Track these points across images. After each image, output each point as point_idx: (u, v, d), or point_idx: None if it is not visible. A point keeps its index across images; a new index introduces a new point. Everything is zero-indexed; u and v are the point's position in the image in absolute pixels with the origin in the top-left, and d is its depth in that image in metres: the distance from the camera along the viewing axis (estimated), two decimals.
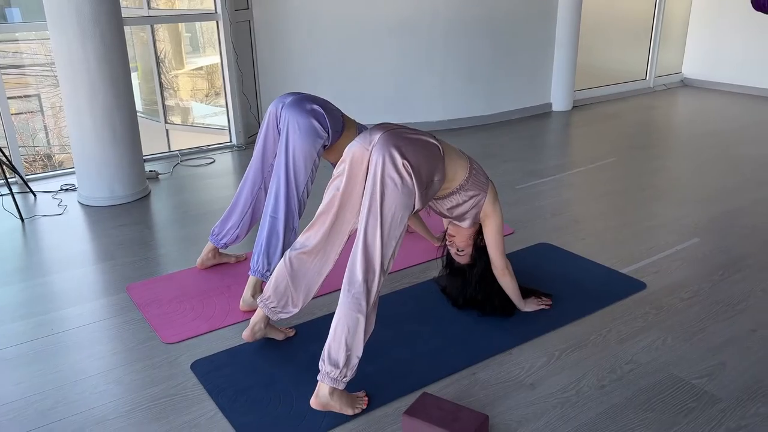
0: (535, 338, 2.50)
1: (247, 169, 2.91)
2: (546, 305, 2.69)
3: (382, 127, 2.16)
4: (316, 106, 2.67)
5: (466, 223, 2.45)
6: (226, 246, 3.04)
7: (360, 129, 2.86)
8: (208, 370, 2.32)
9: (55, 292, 2.95)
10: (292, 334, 2.52)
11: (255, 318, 2.38)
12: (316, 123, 2.64)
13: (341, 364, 2.00)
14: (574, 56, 6.34)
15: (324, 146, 2.70)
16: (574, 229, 3.55)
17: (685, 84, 7.65)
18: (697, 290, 2.86)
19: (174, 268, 3.16)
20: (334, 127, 2.70)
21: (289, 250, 2.31)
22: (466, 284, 2.62)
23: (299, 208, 2.71)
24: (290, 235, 2.70)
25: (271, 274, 2.59)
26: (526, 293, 2.67)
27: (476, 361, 2.35)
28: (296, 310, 2.33)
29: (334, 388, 2.02)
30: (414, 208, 2.10)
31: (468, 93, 5.88)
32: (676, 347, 2.43)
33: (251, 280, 2.71)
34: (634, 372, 2.29)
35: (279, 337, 2.48)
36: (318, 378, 2.04)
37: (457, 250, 2.57)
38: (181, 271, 3.12)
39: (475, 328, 2.57)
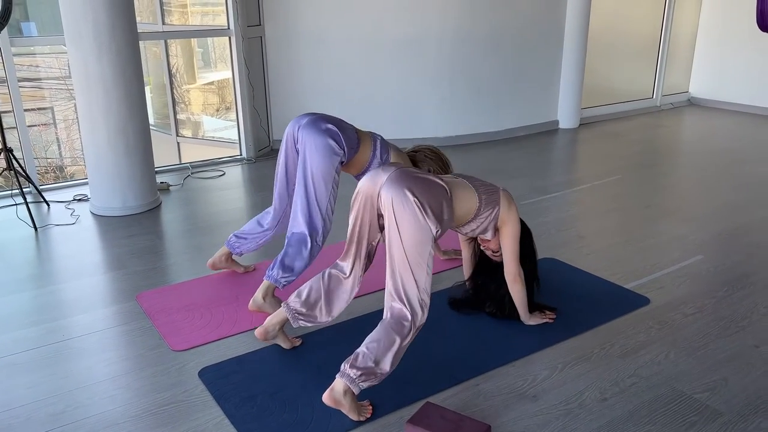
0: (538, 351, 2.53)
1: (274, 195, 2.96)
2: (550, 319, 2.72)
3: (389, 167, 2.26)
4: (330, 126, 2.75)
5: (488, 235, 2.53)
6: (240, 254, 3.11)
7: (374, 139, 2.92)
8: (215, 378, 2.36)
9: (66, 299, 3.00)
10: (298, 343, 2.56)
11: (273, 320, 2.44)
12: (331, 142, 2.70)
13: (365, 371, 2.06)
14: (581, 74, 6.40)
15: (341, 162, 2.77)
16: (578, 244, 3.58)
17: (692, 103, 7.69)
18: (700, 306, 2.88)
19: (183, 277, 3.21)
20: (350, 144, 2.77)
21: (330, 267, 2.41)
22: (499, 282, 2.67)
23: (324, 225, 2.78)
24: (315, 249, 2.78)
25: (285, 283, 2.69)
26: (530, 307, 2.71)
27: (480, 372, 2.38)
28: (316, 323, 2.43)
29: (350, 388, 2.07)
30: (434, 236, 2.18)
31: (475, 109, 5.95)
32: (678, 362, 2.45)
33: (265, 283, 2.76)
34: (636, 385, 2.31)
35: (286, 345, 2.52)
36: (337, 375, 2.08)
37: (493, 252, 2.66)
38: (190, 280, 3.17)
39: (478, 340, 2.60)
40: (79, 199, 4.39)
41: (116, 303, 2.96)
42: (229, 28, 5.15)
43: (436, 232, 2.16)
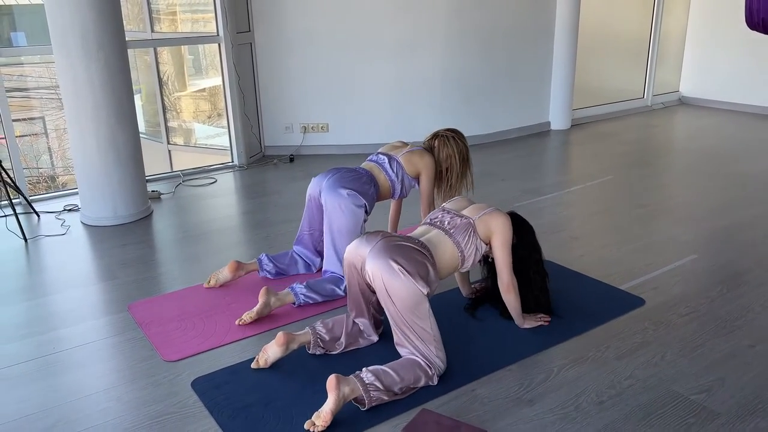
0: (534, 354, 2.51)
1: (299, 235, 3.24)
2: (545, 322, 2.71)
3: (372, 237, 2.37)
4: (350, 191, 2.93)
5: (488, 251, 2.59)
6: (263, 277, 3.22)
7: (380, 165, 3.15)
8: (208, 388, 2.33)
9: (57, 311, 2.97)
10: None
11: (300, 338, 2.46)
12: (355, 203, 2.92)
13: (382, 387, 2.15)
14: (572, 75, 6.41)
15: (366, 212, 2.99)
16: (572, 246, 3.57)
17: (683, 102, 7.71)
18: (695, 306, 2.87)
19: (175, 286, 3.19)
20: (371, 198, 3.02)
21: (353, 318, 2.56)
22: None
23: None
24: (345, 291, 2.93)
25: (304, 300, 2.89)
26: (543, 308, 2.76)
27: (476, 378, 2.36)
28: (326, 352, 2.53)
29: (361, 393, 2.11)
30: (426, 296, 2.28)
31: (467, 112, 5.94)
32: (674, 363, 2.44)
33: (286, 292, 2.89)
34: (633, 388, 2.30)
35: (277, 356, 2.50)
36: (362, 373, 2.15)
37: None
38: (182, 289, 3.14)
39: (474, 344, 2.58)
40: (70, 210, 4.35)
41: (108, 314, 2.93)
42: (218, 35, 5.13)
43: (427, 292, 2.27)
